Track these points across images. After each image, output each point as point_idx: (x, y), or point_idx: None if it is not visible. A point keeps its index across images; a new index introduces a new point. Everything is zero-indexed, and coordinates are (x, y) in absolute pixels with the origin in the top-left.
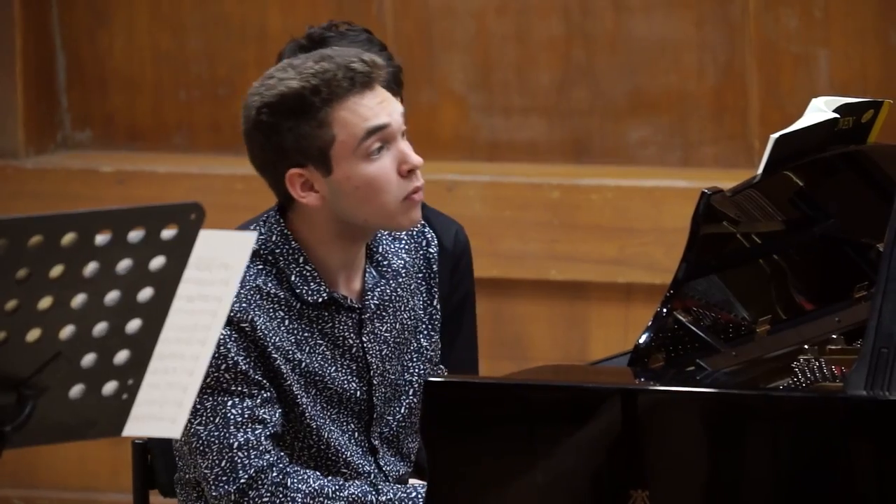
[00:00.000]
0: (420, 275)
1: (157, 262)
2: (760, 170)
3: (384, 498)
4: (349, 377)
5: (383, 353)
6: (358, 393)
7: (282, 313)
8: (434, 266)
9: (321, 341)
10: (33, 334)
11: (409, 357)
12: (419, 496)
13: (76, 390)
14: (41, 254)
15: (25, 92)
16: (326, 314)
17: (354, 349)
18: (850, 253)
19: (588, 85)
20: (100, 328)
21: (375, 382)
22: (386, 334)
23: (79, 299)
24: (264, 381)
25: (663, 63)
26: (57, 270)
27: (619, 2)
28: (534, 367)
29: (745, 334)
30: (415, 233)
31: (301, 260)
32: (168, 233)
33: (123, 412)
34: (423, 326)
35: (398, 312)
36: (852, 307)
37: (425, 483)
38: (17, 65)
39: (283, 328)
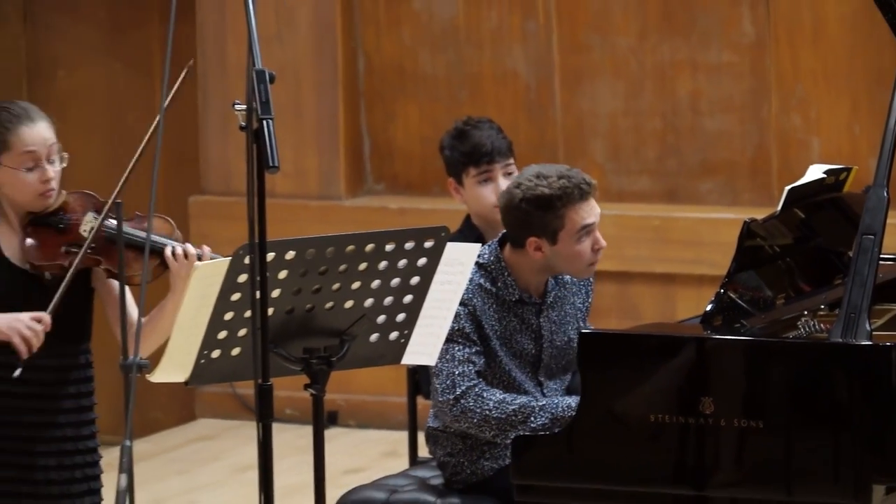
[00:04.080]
0: (583, 283)
1: (422, 261)
2: (779, 208)
3: (542, 402)
4: (528, 342)
5: (552, 329)
6: (533, 351)
7: (491, 301)
8: (591, 280)
9: (514, 319)
10: (348, 304)
11: (573, 331)
12: (561, 403)
13: (373, 337)
14: (354, 256)
15: (345, 160)
16: (518, 305)
17: (534, 326)
18: (832, 257)
19: (676, 157)
20: (388, 300)
21: (544, 346)
22: (556, 318)
23: (375, 283)
24: (477, 341)
25: (720, 145)
26: (362, 266)
27: (695, 108)
28: (644, 324)
29: (770, 305)
30: None
31: (506, 273)
32: (428, 244)
33: (401, 350)
34: (580, 314)
35: (565, 306)
36: (833, 289)
37: (571, 398)
38: (340, 144)
39: (492, 310)
